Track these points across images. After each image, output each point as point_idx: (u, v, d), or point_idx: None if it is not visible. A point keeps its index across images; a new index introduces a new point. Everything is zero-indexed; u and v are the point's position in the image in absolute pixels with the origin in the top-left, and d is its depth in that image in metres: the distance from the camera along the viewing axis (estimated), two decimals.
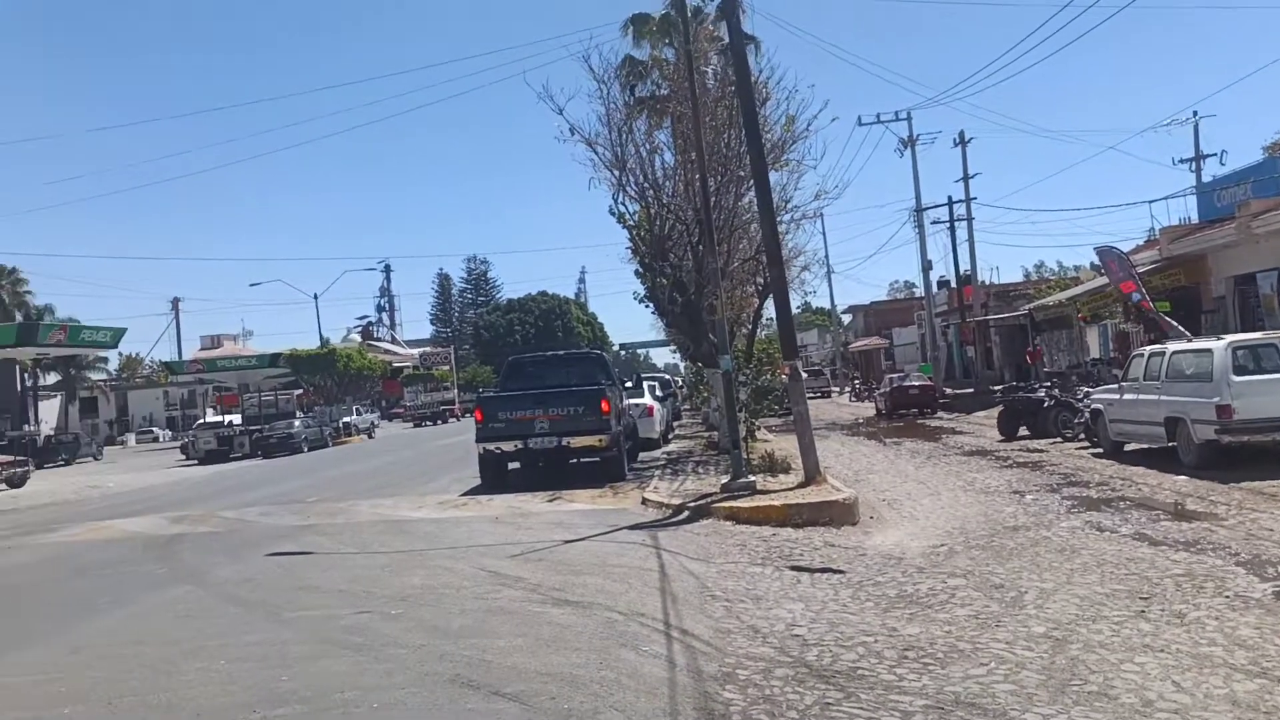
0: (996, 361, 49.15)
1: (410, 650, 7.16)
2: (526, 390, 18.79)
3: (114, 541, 15.31)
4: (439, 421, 66.72)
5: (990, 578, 8.96)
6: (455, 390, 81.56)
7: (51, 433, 59.71)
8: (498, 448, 18.10)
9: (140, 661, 7.40)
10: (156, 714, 6.10)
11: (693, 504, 13.74)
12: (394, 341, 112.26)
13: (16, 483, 34.94)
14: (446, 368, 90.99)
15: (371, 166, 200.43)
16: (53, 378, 75.21)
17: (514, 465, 19.06)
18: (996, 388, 35.77)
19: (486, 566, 10.39)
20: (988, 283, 55.27)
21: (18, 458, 38.17)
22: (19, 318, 65.91)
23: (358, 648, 7.35)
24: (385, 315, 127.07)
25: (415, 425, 65.87)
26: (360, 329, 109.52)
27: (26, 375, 62.70)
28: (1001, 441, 22.84)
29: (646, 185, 21.30)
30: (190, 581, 10.93)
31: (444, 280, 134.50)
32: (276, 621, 8.46)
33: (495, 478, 18.52)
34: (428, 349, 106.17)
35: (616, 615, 8.00)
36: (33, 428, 57.01)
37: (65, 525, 18.70)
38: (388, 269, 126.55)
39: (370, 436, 53.31)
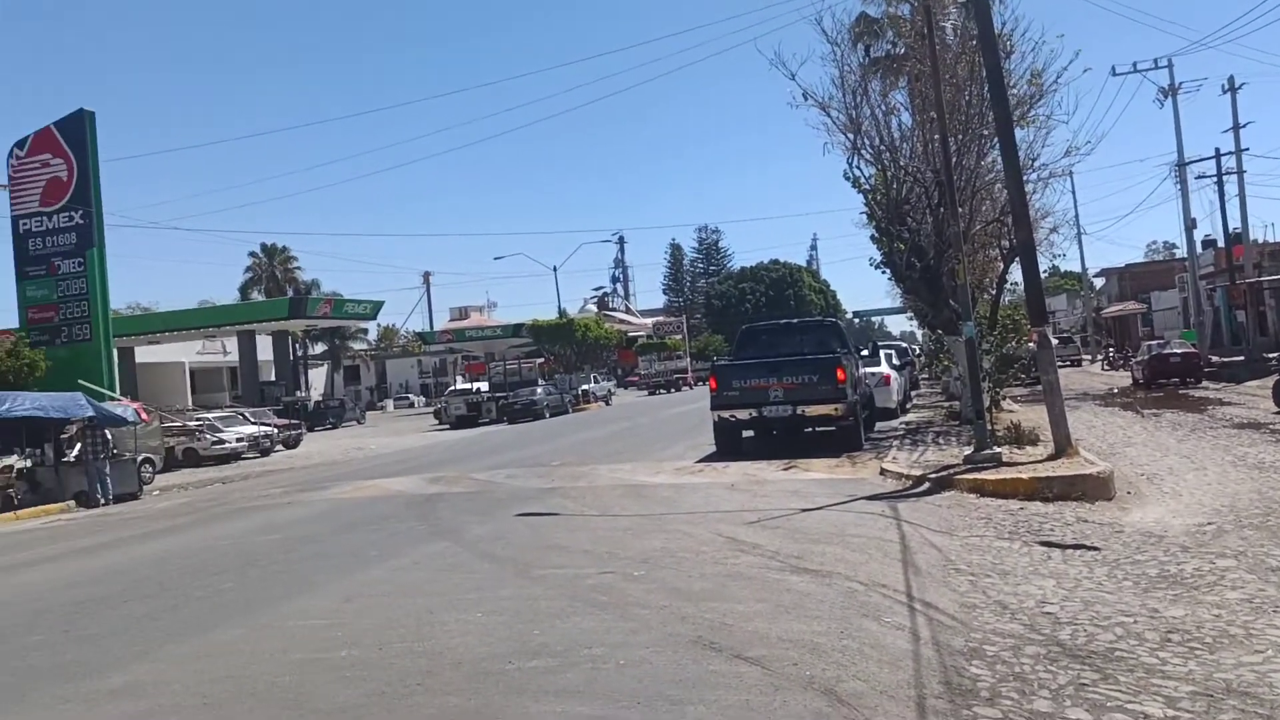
0: (1271, 327, 45.12)
1: (653, 611, 7.34)
2: (761, 358, 18.79)
3: (379, 499, 16.48)
4: (672, 389, 67.78)
5: (1266, 560, 8.29)
6: (687, 359, 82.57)
7: (319, 399, 64.65)
8: (732, 415, 18.21)
9: (405, 611, 7.94)
10: (422, 660, 6.52)
11: (934, 475, 13.38)
12: (628, 311, 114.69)
13: (291, 444, 38.12)
14: (679, 337, 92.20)
15: (607, 140, 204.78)
16: (319, 348, 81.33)
17: (748, 433, 19.13)
18: (1271, 355, 32.85)
19: (723, 532, 10.50)
20: (1261, 241, 50.71)
21: (292, 421, 41.62)
22: (289, 293, 71.61)
23: (603, 606, 7.60)
24: (619, 286, 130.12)
25: (649, 393, 67.21)
26: (596, 300, 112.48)
27: (297, 346, 68.15)
28: (1277, 413, 20.99)
29: (883, 148, 20.76)
30: (448, 538, 11.61)
31: (676, 250, 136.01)
32: (527, 578, 8.87)
33: (730, 445, 18.66)
34: (660, 319, 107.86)
35: (857, 585, 7.91)
36: (303, 394, 61.95)
37: (335, 483, 20.28)
38: (621, 241, 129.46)
39: (607, 404, 54.83)
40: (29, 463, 23.81)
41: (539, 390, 45.89)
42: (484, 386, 49.23)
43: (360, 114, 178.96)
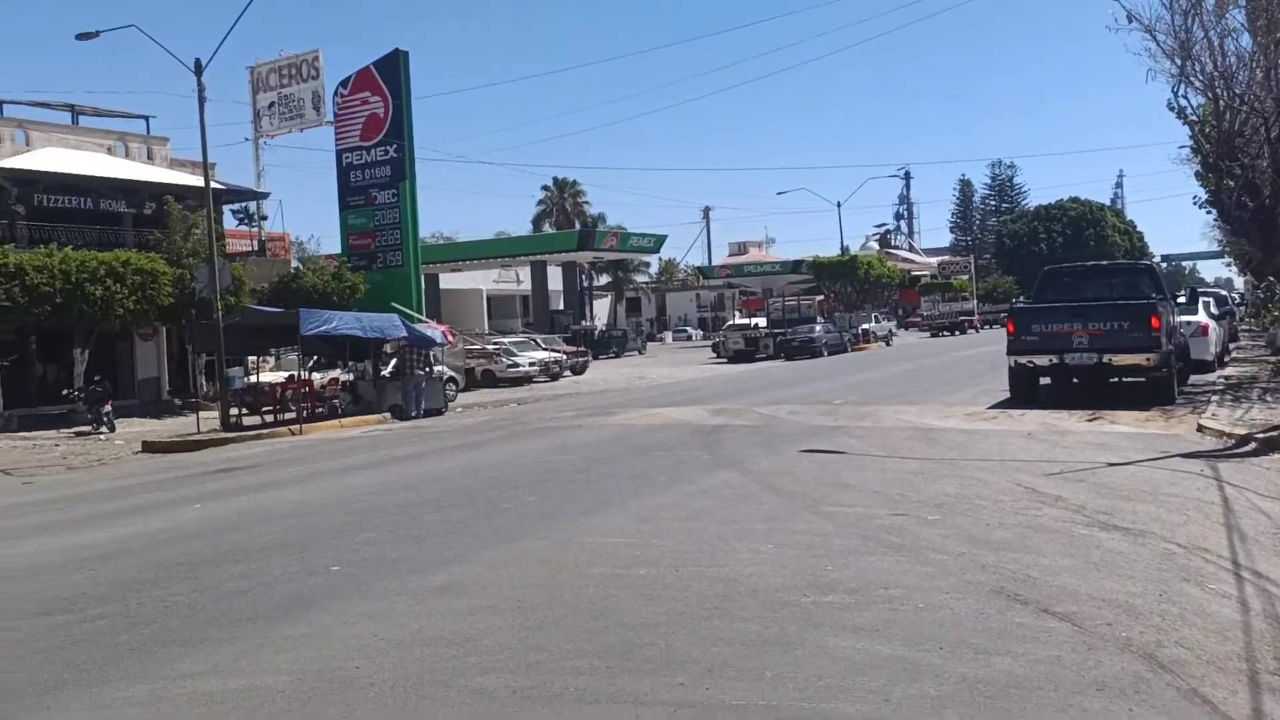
0: None
1: (950, 557, 7.15)
2: (1064, 302, 17.71)
3: (664, 427, 16.94)
4: (956, 332, 65.34)
5: None
6: (974, 301, 79.24)
7: (603, 328, 67.00)
8: (1030, 361, 17.33)
9: (698, 536, 8.13)
10: (717, 585, 6.66)
11: (1261, 435, 12.21)
12: (911, 250, 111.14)
13: (579, 370, 39.80)
14: (965, 277, 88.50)
15: (894, 72, 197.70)
16: (603, 279, 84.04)
17: (1045, 380, 18.16)
18: None
19: (1022, 482, 10.05)
20: None
21: (580, 349, 43.40)
22: (577, 225, 74.20)
23: (897, 548, 7.48)
24: (903, 223, 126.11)
25: (932, 335, 65.13)
26: (878, 237, 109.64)
27: (583, 276, 70.74)
28: None
29: (1215, 74, 18.84)
30: (733, 469, 11.78)
31: (965, 187, 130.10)
32: (816, 514, 8.86)
33: (1026, 392, 17.79)
34: (946, 258, 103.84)
35: (1175, 547, 7.37)
36: (588, 323, 64.39)
37: (622, 410, 21.02)
38: (907, 176, 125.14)
39: (887, 344, 53.64)
40: (351, 376, 26.15)
41: (818, 328, 45.48)
42: (761, 322, 49.33)
43: (645, 50, 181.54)
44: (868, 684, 4.80)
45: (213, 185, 24.89)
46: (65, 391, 26.86)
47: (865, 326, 54.88)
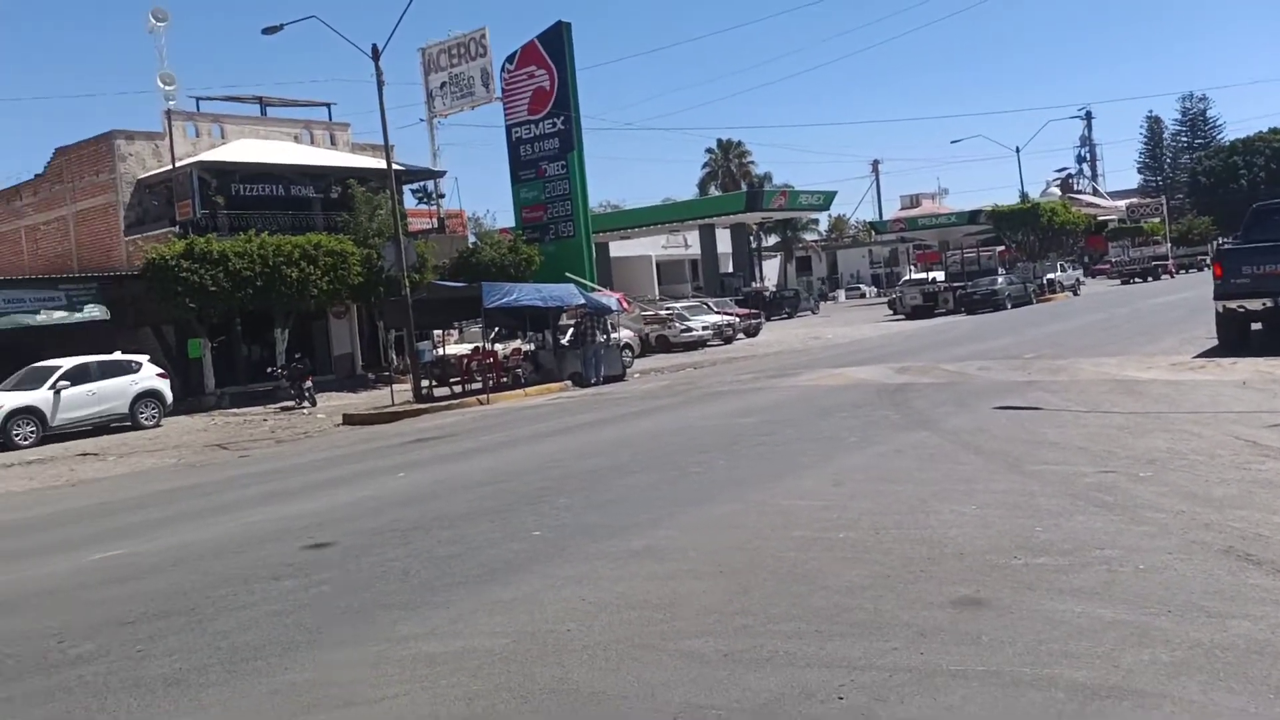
0: None
1: (1169, 515, 6.77)
2: (1277, 241, 16.46)
3: (847, 387, 16.68)
4: (1149, 278, 61.77)
5: None
6: (1168, 244, 74.73)
7: (774, 289, 66.43)
8: (1240, 306, 16.21)
9: (895, 498, 7.97)
10: (921, 548, 6.51)
11: None
12: (1095, 194, 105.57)
13: (752, 332, 39.62)
14: (1157, 220, 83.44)
15: (1074, 6, 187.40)
16: (772, 240, 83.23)
17: (1256, 326, 16.97)
18: None
19: (1240, 435, 9.43)
20: None
21: (752, 311, 43.19)
22: (744, 187, 73.59)
23: (1109, 506, 7.14)
24: (1085, 166, 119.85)
25: (1122, 282, 61.80)
26: (1058, 181, 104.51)
27: (752, 238, 70.21)
28: None
29: None
30: (924, 428, 11.49)
31: (1154, 124, 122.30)
32: (1018, 473, 8.55)
33: (1236, 339, 16.65)
34: (1134, 200, 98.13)
35: None
36: (759, 285, 63.96)
37: (800, 371, 20.81)
38: (1088, 116, 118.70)
39: (1075, 293, 51.27)
40: (532, 346, 26.80)
41: (999, 279, 43.84)
42: (939, 276, 47.92)
43: (808, 4, 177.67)
44: (1093, 649, 4.59)
45: (393, 167, 25.81)
46: (269, 369, 28.52)
47: (1050, 276, 52.59)
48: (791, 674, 4.61)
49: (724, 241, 63.34)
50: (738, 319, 39.58)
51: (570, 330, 26.59)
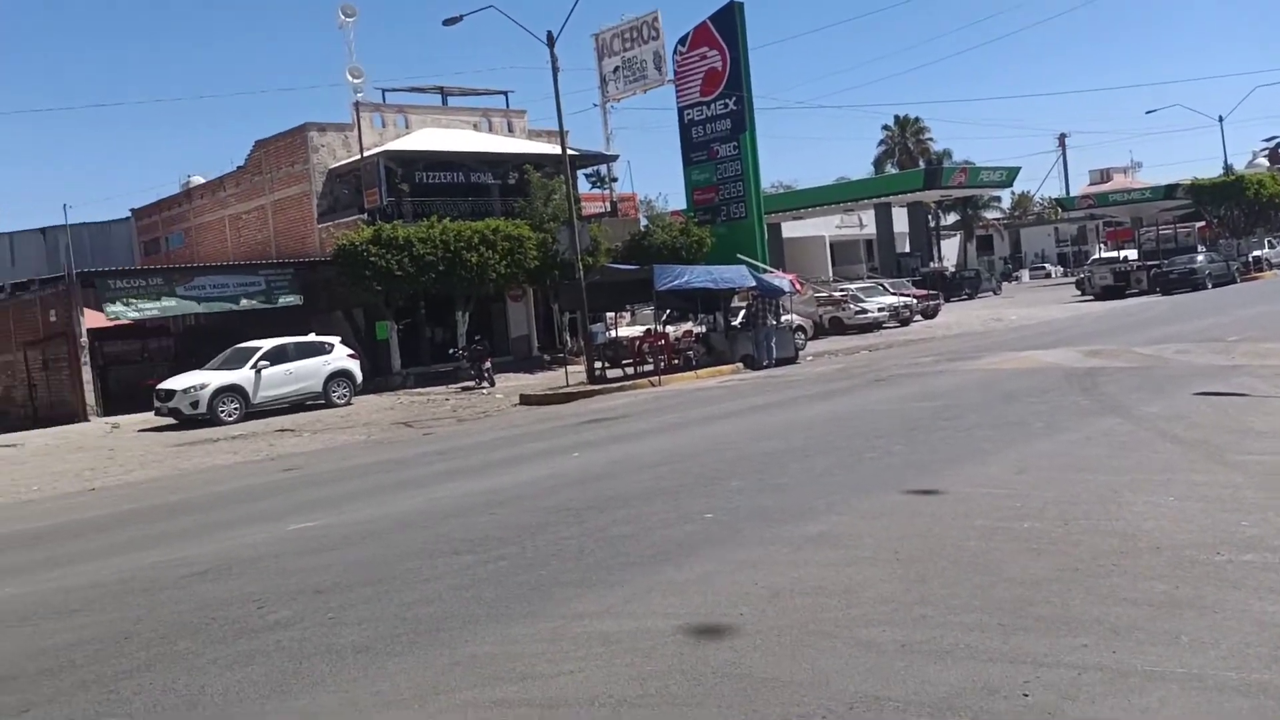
0: None
1: None
2: None
3: (1033, 371, 16.02)
4: None
5: None
6: None
7: (953, 269, 64.42)
8: None
9: (1084, 487, 7.59)
10: (1112, 540, 6.18)
11: None
12: None
13: (930, 314, 38.57)
14: None
15: None
16: (951, 218, 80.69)
17: None
18: None
19: None
20: None
21: (930, 291, 42.02)
22: (921, 164, 71.57)
23: None
24: None
25: None
26: (1267, 152, 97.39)
27: (930, 216, 68.23)
28: None
29: None
30: (1116, 414, 10.92)
31: None
32: (1221, 463, 8.02)
33: None
34: None
35: None
36: (937, 265, 62.14)
37: (982, 354, 20.11)
38: None
39: None
40: (704, 328, 26.84)
41: (1199, 257, 41.20)
42: (1132, 254, 45.41)
43: None
44: None
45: (568, 152, 26.23)
46: (451, 351, 29.56)
47: (1257, 253, 49.11)
48: (973, 668, 4.44)
49: (900, 221, 61.79)
50: (915, 300, 38.58)
51: (742, 312, 26.48)
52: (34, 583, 8.07)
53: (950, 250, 77.94)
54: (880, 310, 35.45)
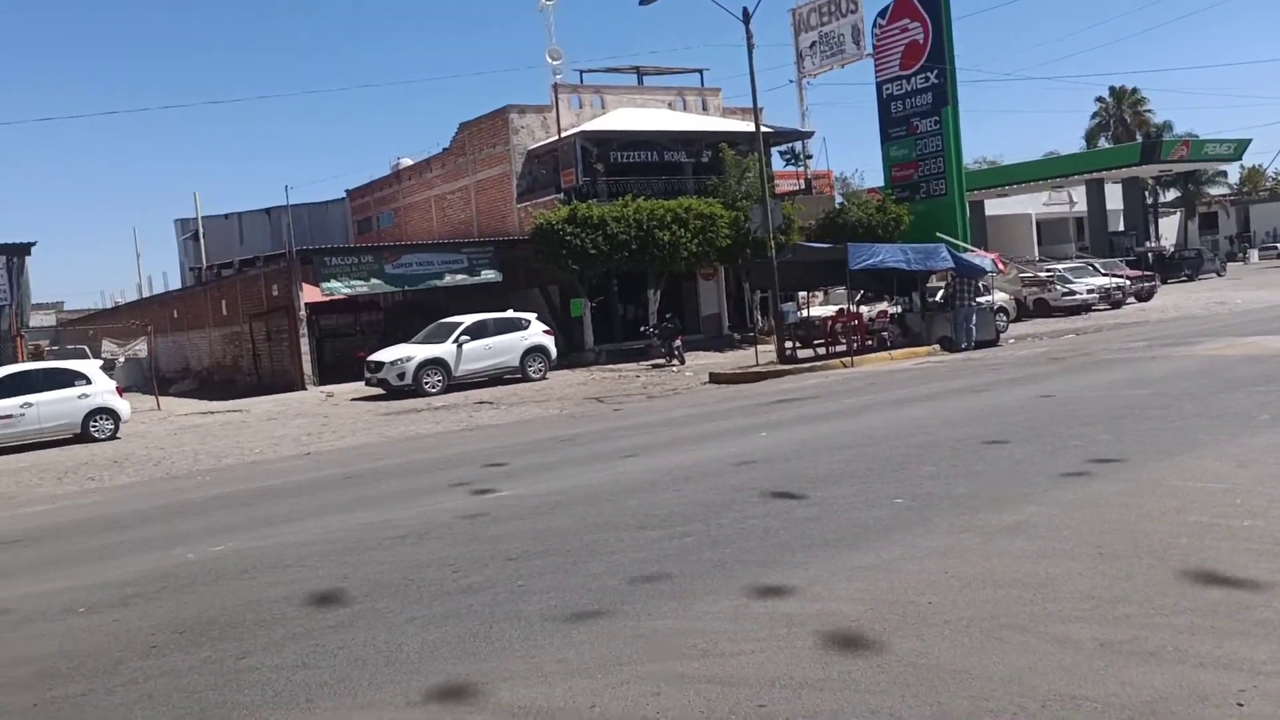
0: None
1: None
2: None
3: (1259, 358, 14.88)
4: None
5: None
6: None
7: (1172, 249, 60.55)
8: None
9: None
10: None
11: None
12: None
13: (1145, 296, 36.39)
14: None
15: None
16: (1170, 195, 75.77)
17: None
18: None
19: None
20: None
21: (1144, 273, 39.63)
22: (1138, 137, 67.41)
23: None
24: None
25: None
26: None
27: (1147, 193, 64.25)
28: None
29: None
30: None
31: None
32: None
33: None
34: None
35: None
36: (1154, 244, 58.53)
37: (1202, 339, 18.83)
38: None
39: None
40: (899, 308, 26.18)
41: None
42: None
43: None
44: None
45: (761, 129, 26.01)
46: (642, 328, 29.93)
47: None
48: (1180, 672, 4.17)
49: (1114, 198, 58.47)
50: (1128, 281, 36.43)
51: (940, 292, 25.67)
52: (252, 539, 8.66)
53: (1169, 229, 73.27)
54: (1089, 292, 33.67)
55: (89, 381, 20.22)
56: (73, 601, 6.93)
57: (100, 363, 23.25)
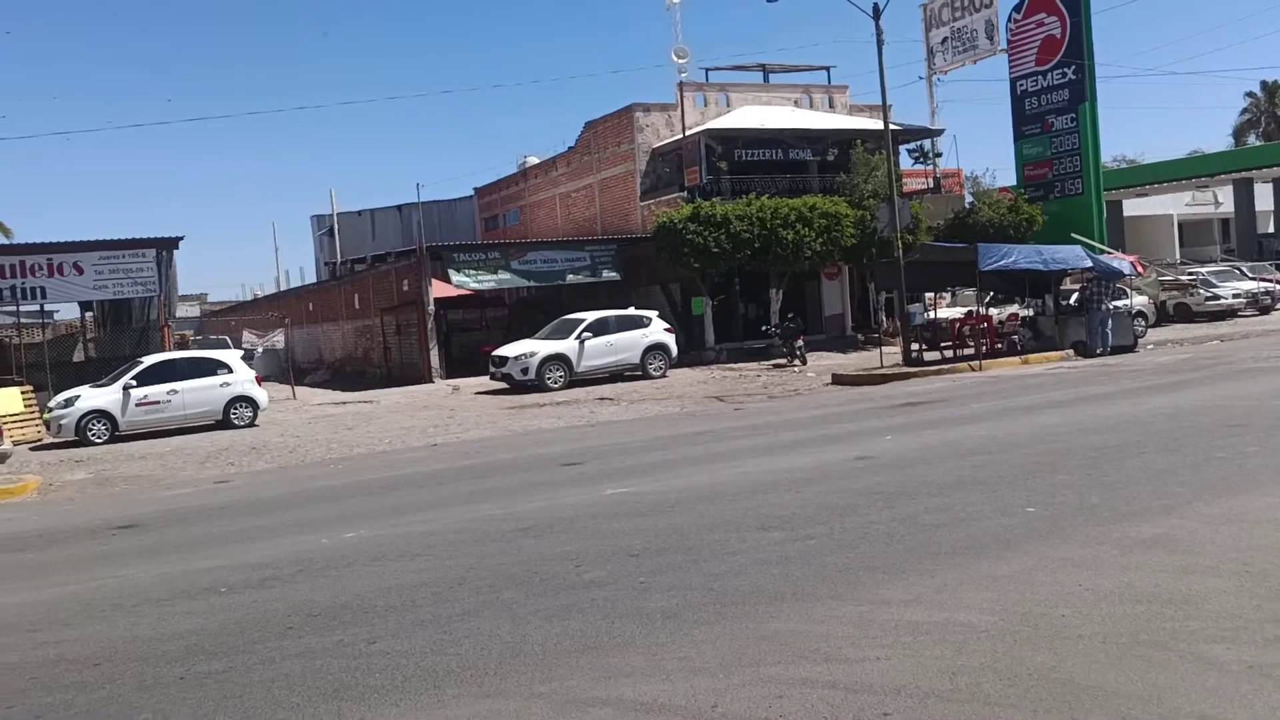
0: None
1: None
2: None
3: None
4: None
5: None
6: None
7: None
8: None
9: None
10: None
11: None
12: None
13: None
14: None
15: None
16: None
17: None
18: None
19: None
20: None
21: None
22: None
23: None
24: None
25: None
26: None
27: None
28: None
29: None
30: None
31: None
32: None
33: None
34: None
35: None
36: None
37: None
38: None
39: None
40: (1031, 311, 25.42)
41: None
42: None
43: None
44: None
45: (890, 127, 25.56)
46: (764, 328, 29.76)
47: None
48: None
49: (1263, 198, 55.59)
50: (1277, 286, 34.65)
51: (1074, 295, 24.84)
52: (382, 527, 8.92)
53: None
54: (1235, 296, 32.14)
55: (230, 370, 21.11)
56: (215, 581, 7.25)
57: (241, 352, 24.28)
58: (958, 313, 26.89)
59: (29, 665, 5.59)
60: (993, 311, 26.03)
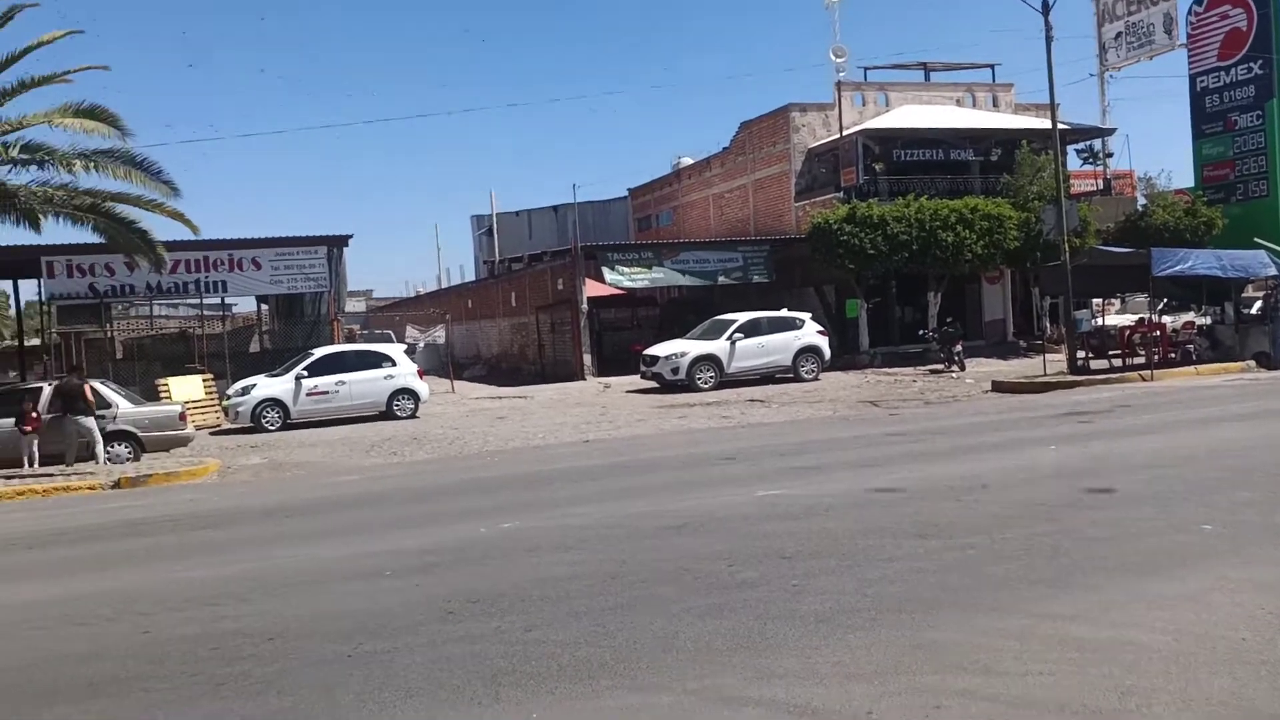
0: None
1: None
2: None
3: None
4: None
5: None
6: None
7: None
8: None
9: None
10: None
11: None
12: None
13: None
14: None
15: None
16: None
17: None
18: None
19: None
20: None
21: None
22: None
23: None
24: None
25: None
26: None
27: None
28: None
29: None
30: None
31: None
32: None
33: None
34: None
35: None
36: None
37: None
38: None
39: None
40: (1208, 319, 24.11)
41: None
42: None
43: None
44: None
45: (1057, 126, 24.63)
46: (920, 332, 29.12)
47: None
48: None
49: None
50: None
51: (1258, 304, 23.44)
52: (537, 519, 9.11)
53: None
54: None
55: (394, 364, 21.95)
56: (380, 565, 7.55)
57: (404, 347, 25.20)
58: (1128, 320, 25.75)
59: (210, 637, 5.94)
60: (1166, 319, 24.80)
